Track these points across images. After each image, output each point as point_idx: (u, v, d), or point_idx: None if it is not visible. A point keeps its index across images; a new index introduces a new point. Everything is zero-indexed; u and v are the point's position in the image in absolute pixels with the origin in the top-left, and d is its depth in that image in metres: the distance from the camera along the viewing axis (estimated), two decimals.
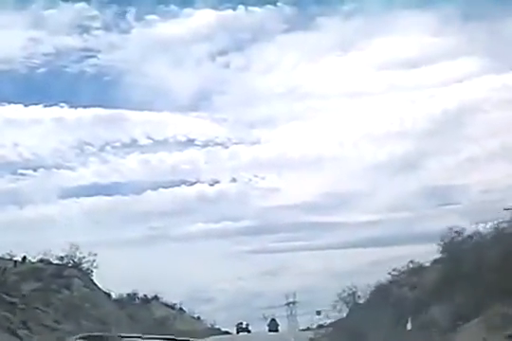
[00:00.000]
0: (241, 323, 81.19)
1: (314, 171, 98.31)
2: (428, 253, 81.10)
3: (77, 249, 51.63)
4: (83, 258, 52.34)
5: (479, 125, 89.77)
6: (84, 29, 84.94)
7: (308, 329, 71.91)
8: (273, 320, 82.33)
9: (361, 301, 52.48)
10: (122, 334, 17.24)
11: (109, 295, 58.04)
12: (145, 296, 71.77)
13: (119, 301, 60.76)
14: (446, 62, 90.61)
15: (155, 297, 73.29)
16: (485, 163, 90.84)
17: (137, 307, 65.01)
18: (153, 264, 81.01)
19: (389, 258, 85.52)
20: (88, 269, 52.80)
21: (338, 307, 52.56)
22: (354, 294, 56.78)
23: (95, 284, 53.49)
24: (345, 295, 52.79)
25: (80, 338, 14.48)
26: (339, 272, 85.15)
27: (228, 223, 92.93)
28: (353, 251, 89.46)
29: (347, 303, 52.87)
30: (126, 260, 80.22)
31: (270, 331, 79.33)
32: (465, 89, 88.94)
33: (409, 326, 46.79)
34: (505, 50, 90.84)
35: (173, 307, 75.99)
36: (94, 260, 52.85)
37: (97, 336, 14.37)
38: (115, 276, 71.05)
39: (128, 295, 67.51)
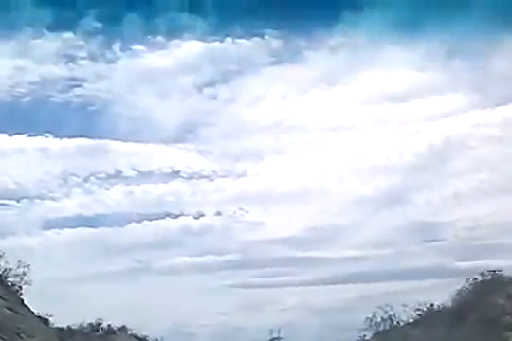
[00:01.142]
0: None
1: (299, 205, 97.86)
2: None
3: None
4: (10, 270, 40.52)
5: (464, 161, 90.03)
6: (70, 59, 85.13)
7: None
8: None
9: None
10: None
11: (46, 321, 46.66)
12: (109, 326, 64.54)
13: (63, 331, 51.34)
14: (431, 98, 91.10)
15: (123, 328, 66.75)
16: (471, 199, 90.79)
17: (96, 338, 59.50)
18: (134, 297, 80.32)
19: (374, 294, 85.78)
20: (15, 285, 40.69)
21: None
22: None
23: (25, 306, 42.28)
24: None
25: None
26: (323, 308, 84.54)
27: (211, 256, 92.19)
28: (337, 287, 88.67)
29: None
30: (107, 293, 79.69)
31: None
32: (450, 124, 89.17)
33: None
34: (490, 87, 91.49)
35: (142, 339, 70.49)
36: (24, 274, 40.87)
37: None
38: (93, 308, 70.64)
39: (90, 324, 61.04)
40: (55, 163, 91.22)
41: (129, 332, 67.79)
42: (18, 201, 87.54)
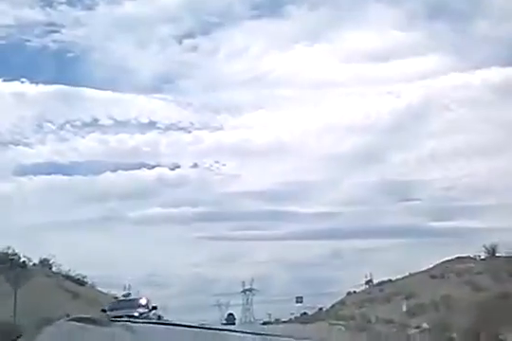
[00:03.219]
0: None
1: (275, 160, 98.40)
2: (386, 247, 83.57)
3: None
4: None
5: (442, 122, 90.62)
6: (48, 3, 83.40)
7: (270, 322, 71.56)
8: (230, 315, 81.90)
9: None
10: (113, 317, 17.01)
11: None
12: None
13: None
14: (412, 58, 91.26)
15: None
16: (447, 160, 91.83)
17: None
18: (106, 246, 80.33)
19: (346, 251, 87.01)
20: None
21: None
22: None
23: None
24: None
25: (70, 320, 14.06)
26: (295, 263, 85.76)
27: (186, 208, 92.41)
28: (309, 243, 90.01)
29: None
30: (79, 241, 79.53)
31: (227, 324, 78.89)
32: (429, 86, 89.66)
33: (404, 307, 51.64)
34: (471, 49, 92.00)
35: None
36: None
37: (87, 318, 13.98)
38: (63, 255, 70.53)
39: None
40: (30, 109, 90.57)
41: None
42: None
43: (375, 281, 71.51)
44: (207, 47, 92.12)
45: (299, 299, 68.17)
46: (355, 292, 72.95)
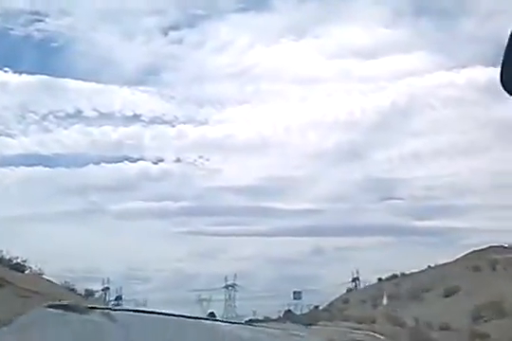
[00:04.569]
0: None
1: (258, 156, 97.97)
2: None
3: None
4: None
5: (426, 121, 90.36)
6: None
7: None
8: (211, 313, 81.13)
9: None
10: (91, 305, 16.41)
11: None
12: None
13: None
14: (397, 56, 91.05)
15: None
16: (429, 159, 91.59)
17: None
18: (87, 239, 79.54)
19: (328, 248, 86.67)
20: None
21: None
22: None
23: None
24: None
25: (48, 307, 13.52)
26: (277, 259, 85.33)
27: (168, 202, 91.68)
28: (291, 239, 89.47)
29: None
30: (60, 233, 78.75)
31: None
32: (414, 84, 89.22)
33: (384, 301, 48.01)
34: (456, 47, 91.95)
35: None
36: None
37: (65, 305, 13.43)
38: (42, 247, 69.59)
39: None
40: (13, 99, 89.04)
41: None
42: None
43: (385, 276, 69.08)
44: (192, 40, 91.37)
45: (296, 295, 66.50)
46: (356, 287, 72.23)
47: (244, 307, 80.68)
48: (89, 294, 65.42)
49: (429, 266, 63.13)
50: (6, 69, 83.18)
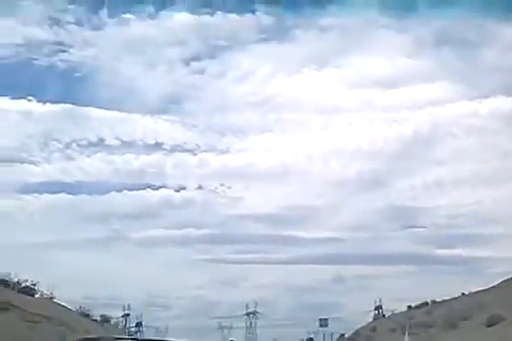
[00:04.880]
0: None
1: (280, 184, 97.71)
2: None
3: None
4: None
5: (448, 150, 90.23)
6: (56, 22, 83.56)
7: None
8: None
9: None
10: (116, 336, 16.65)
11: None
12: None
13: None
14: (419, 85, 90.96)
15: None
16: (452, 188, 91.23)
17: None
18: (109, 267, 79.99)
19: (349, 276, 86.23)
20: None
21: None
22: None
23: None
24: None
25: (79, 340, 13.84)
26: (298, 287, 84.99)
27: (190, 230, 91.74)
28: (312, 267, 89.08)
29: None
30: (82, 261, 79.12)
31: None
32: (436, 113, 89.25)
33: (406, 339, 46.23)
34: (478, 77, 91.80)
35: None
36: None
37: (93, 339, 13.73)
38: (65, 275, 69.98)
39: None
40: (37, 127, 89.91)
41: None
42: None
43: (410, 304, 67.83)
44: (214, 70, 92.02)
45: (323, 322, 65.13)
46: (383, 316, 71.41)
47: (264, 335, 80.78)
48: (105, 320, 66.41)
49: (462, 293, 61.22)
50: (30, 98, 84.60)
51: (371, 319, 75.06)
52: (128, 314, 79.51)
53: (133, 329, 77.72)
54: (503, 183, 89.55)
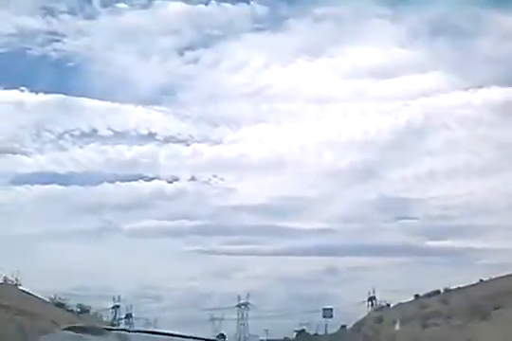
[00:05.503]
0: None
1: (273, 175, 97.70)
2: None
3: None
4: None
5: (441, 140, 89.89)
6: (49, 12, 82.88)
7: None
8: (221, 335, 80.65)
9: None
10: (108, 327, 16.21)
11: None
12: None
13: None
14: (413, 76, 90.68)
15: None
16: (444, 179, 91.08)
17: None
18: (101, 257, 79.70)
19: (341, 268, 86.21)
20: None
21: None
22: None
23: None
24: None
25: (64, 329, 13.39)
26: (290, 278, 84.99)
27: (182, 221, 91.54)
28: (305, 259, 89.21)
29: None
30: (74, 252, 78.93)
31: None
32: (430, 104, 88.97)
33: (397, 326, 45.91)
34: (472, 68, 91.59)
35: None
36: None
37: (82, 327, 13.27)
38: (57, 266, 69.80)
39: None
40: (29, 117, 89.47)
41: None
42: None
43: (422, 293, 63.99)
44: (207, 60, 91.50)
45: (327, 312, 64.38)
46: (388, 305, 70.92)
47: (256, 326, 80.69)
48: (83, 310, 65.16)
49: (480, 280, 58.11)
50: (22, 88, 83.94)
51: (369, 310, 74.63)
52: (118, 306, 79.30)
53: (122, 320, 77.52)
54: (496, 174, 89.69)
